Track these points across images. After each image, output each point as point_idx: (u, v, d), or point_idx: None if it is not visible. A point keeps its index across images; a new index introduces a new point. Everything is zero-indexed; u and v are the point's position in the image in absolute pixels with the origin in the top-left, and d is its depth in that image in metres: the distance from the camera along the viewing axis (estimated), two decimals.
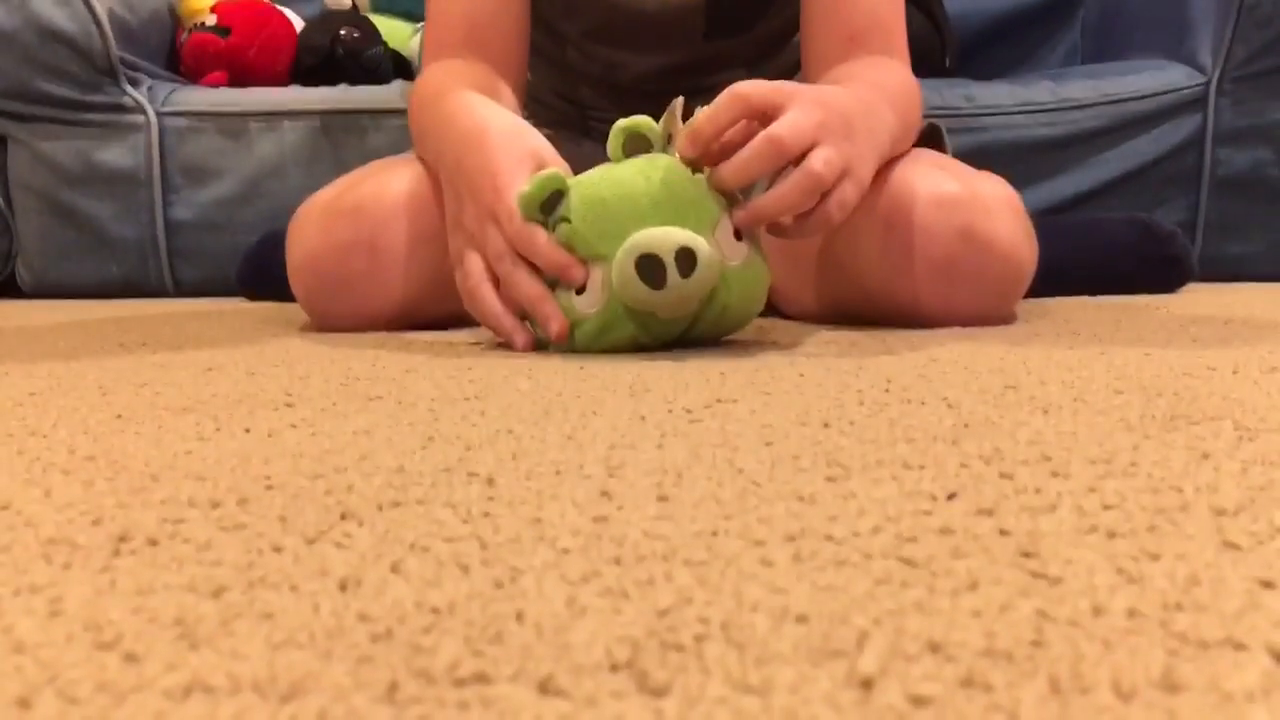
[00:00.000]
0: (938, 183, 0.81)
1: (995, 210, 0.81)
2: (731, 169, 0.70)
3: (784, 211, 0.71)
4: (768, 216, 0.71)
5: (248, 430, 0.47)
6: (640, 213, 0.68)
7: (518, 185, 0.71)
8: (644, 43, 1.05)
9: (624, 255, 0.67)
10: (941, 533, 0.30)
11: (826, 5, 0.93)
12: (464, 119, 0.80)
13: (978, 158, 1.34)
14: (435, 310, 0.89)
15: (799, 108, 0.70)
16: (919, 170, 0.82)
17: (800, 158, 0.70)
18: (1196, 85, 1.41)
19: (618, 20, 1.02)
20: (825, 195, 0.71)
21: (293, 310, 1.14)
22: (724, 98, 0.70)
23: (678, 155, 0.72)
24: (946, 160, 0.87)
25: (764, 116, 0.71)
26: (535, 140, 0.78)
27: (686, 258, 0.66)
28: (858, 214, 0.81)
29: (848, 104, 0.74)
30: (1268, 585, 0.25)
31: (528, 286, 0.72)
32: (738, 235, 0.71)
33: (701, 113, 0.70)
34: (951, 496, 0.34)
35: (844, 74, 0.87)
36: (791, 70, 1.11)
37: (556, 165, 0.75)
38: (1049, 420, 0.46)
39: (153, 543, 0.31)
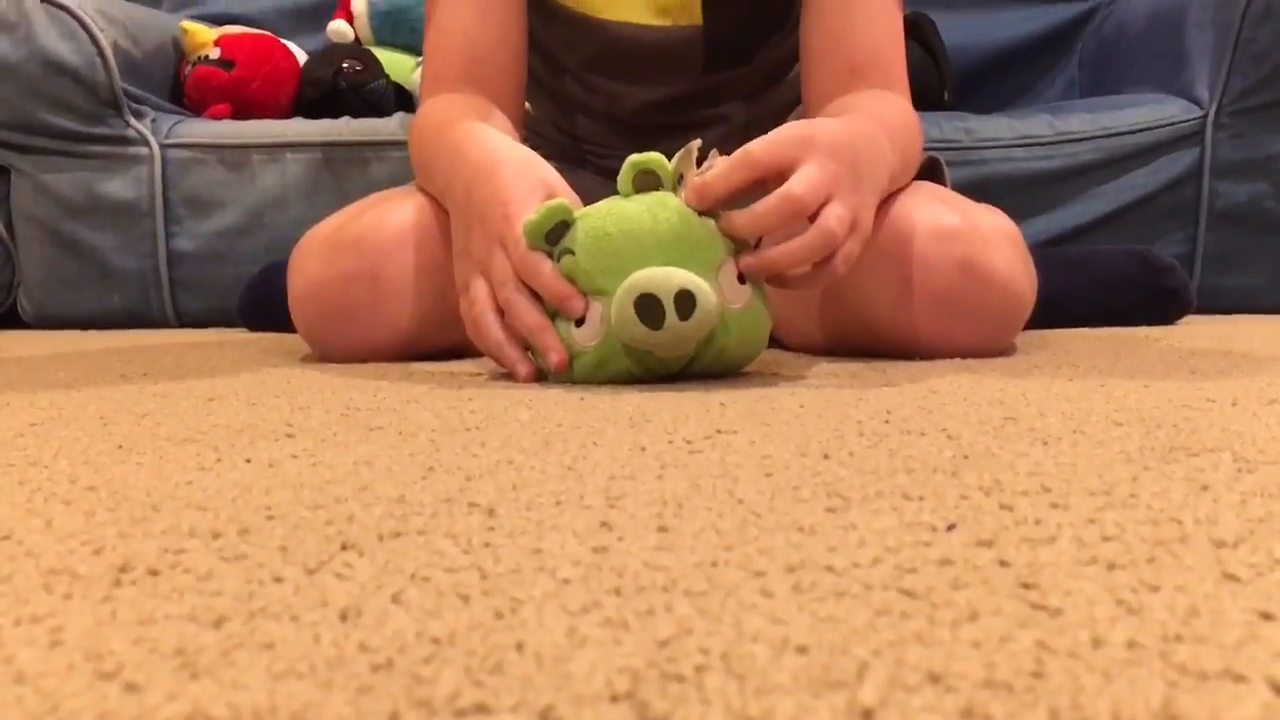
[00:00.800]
0: (937, 215, 0.81)
1: (994, 242, 0.81)
2: (747, 221, 0.69)
3: (794, 265, 0.71)
4: (777, 269, 0.71)
5: (249, 460, 0.47)
6: (644, 251, 0.69)
7: (527, 213, 0.72)
8: (643, 74, 1.05)
9: (623, 294, 0.67)
10: (941, 564, 0.30)
11: (828, 38, 0.94)
12: (474, 150, 0.80)
13: (977, 190, 1.35)
14: (437, 341, 0.90)
15: (814, 163, 0.70)
16: (919, 203, 0.83)
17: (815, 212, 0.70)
18: (1193, 119, 1.42)
19: (617, 51, 1.03)
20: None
21: (293, 341, 1.14)
22: (737, 159, 0.69)
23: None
24: (946, 193, 0.87)
25: (778, 174, 0.71)
26: (546, 171, 0.78)
27: (686, 300, 0.66)
28: None
29: (855, 148, 0.73)
30: (1267, 617, 0.25)
31: (529, 315, 0.72)
32: (741, 279, 0.71)
33: (713, 170, 0.70)
34: (951, 527, 0.34)
35: (845, 106, 0.87)
36: (792, 104, 1.12)
37: (566, 196, 0.75)
38: (1048, 452, 0.46)
39: (154, 573, 0.31)
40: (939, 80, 1.65)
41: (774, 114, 1.12)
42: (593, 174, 1.14)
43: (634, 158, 0.73)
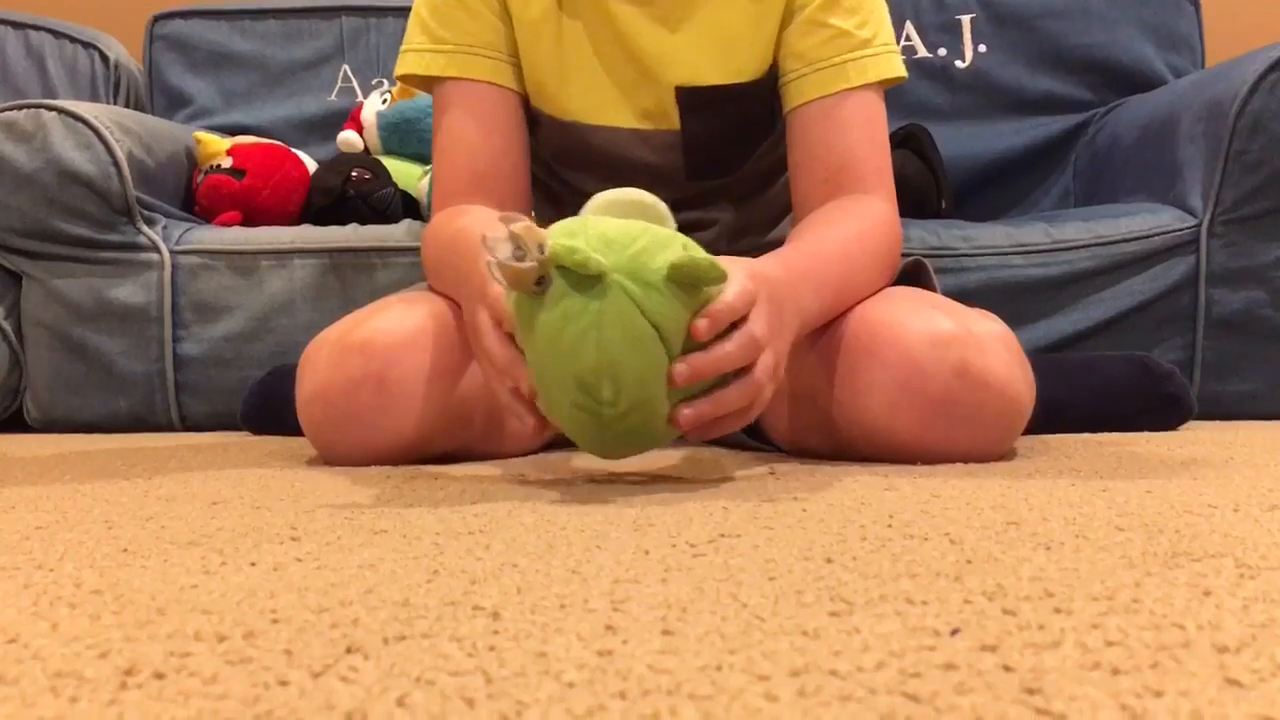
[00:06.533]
0: (931, 321, 0.82)
1: (990, 347, 0.82)
2: (708, 364, 0.70)
3: (725, 411, 0.72)
4: (712, 416, 0.72)
5: (253, 564, 0.48)
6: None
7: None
8: (628, 178, 1.07)
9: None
10: (945, 668, 0.30)
11: (807, 149, 0.98)
12: (467, 236, 0.83)
13: (975, 297, 1.36)
14: (443, 445, 0.90)
15: (761, 306, 0.72)
16: (912, 309, 0.84)
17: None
18: (1188, 228, 1.44)
19: (603, 155, 1.05)
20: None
21: (297, 445, 1.14)
22: (722, 315, 0.71)
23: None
24: (939, 299, 0.89)
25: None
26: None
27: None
28: (854, 353, 0.83)
29: (782, 296, 0.76)
30: None
31: (498, 381, 0.75)
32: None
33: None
34: (955, 632, 0.34)
35: (817, 220, 0.93)
36: (783, 210, 1.14)
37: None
38: (1051, 557, 0.46)
39: (159, 676, 0.31)
40: (936, 190, 1.68)
41: (765, 220, 1.14)
42: None
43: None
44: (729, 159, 1.07)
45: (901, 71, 0.99)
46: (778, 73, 1.01)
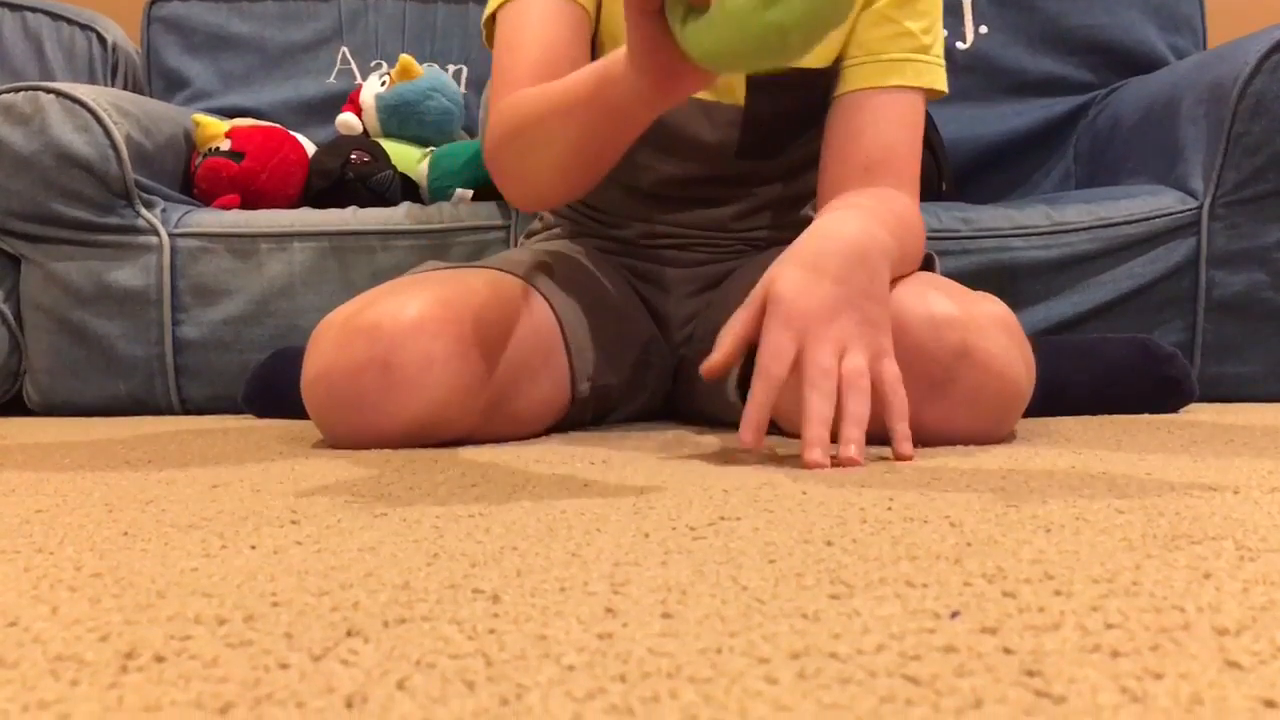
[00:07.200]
0: (933, 303, 0.82)
1: (989, 329, 0.82)
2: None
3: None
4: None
5: (253, 547, 0.48)
6: None
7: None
8: (676, 149, 1.08)
9: None
10: (945, 651, 0.30)
11: (850, 135, 0.99)
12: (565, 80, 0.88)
13: (975, 279, 1.36)
14: (446, 431, 0.90)
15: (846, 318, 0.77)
16: (914, 291, 0.84)
17: None
18: (1189, 210, 1.44)
19: (662, 129, 1.05)
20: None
21: (298, 428, 1.14)
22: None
23: None
24: (941, 280, 0.89)
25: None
26: None
27: None
28: None
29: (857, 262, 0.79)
30: (1270, 705, 0.25)
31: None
32: None
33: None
34: (955, 615, 0.34)
35: (852, 201, 0.91)
36: (796, 203, 1.15)
37: None
38: (1051, 539, 0.46)
39: (160, 659, 0.31)
40: (937, 172, 1.68)
41: (781, 211, 1.15)
42: (597, 246, 1.16)
43: None
44: (779, 143, 1.09)
45: (945, 88, 1.02)
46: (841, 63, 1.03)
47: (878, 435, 0.85)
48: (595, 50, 1.04)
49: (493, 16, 1.03)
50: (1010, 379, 0.83)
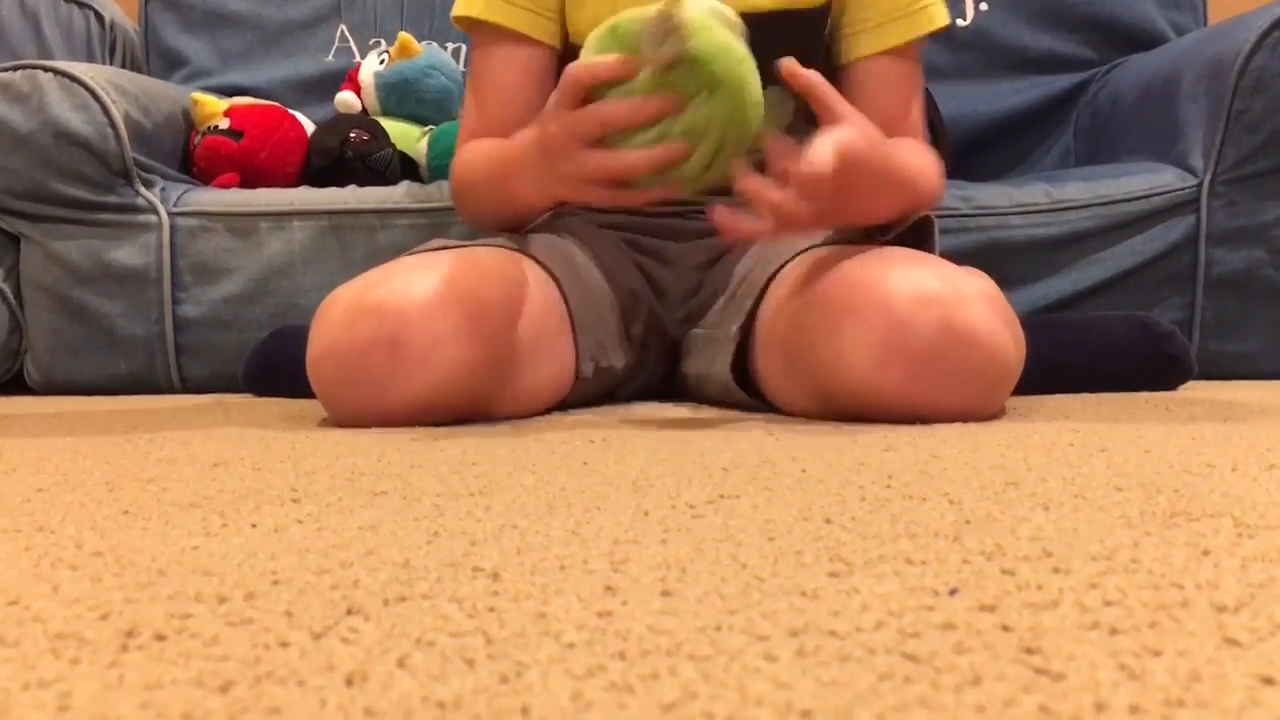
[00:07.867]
0: (917, 279, 0.82)
1: (973, 303, 0.82)
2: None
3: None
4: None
5: (254, 525, 0.48)
6: None
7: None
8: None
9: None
10: (944, 628, 0.30)
11: (872, 96, 1.06)
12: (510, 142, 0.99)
13: (975, 257, 1.36)
14: (450, 410, 0.90)
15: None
16: (898, 268, 0.84)
17: None
18: (1189, 187, 1.43)
19: None
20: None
21: (299, 406, 1.14)
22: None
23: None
24: (926, 257, 0.88)
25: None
26: None
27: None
28: (839, 312, 0.83)
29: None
30: (1268, 682, 0.26)
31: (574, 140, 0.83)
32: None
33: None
34: (953, 592, 0.34)
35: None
36: None
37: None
38: (1050, 516, 0.46)
39: (160, 638, 0.31)
40: (937, 149, 1.67)
41: None
42: (599, 220, 1.16)
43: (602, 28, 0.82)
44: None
45: (946, 19, 1.11)
46: (833, 7, 1.08)
47: (865, 415, 0.86)
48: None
49: (460, 19, 1.13)
50: (996, 353, 0.83)
